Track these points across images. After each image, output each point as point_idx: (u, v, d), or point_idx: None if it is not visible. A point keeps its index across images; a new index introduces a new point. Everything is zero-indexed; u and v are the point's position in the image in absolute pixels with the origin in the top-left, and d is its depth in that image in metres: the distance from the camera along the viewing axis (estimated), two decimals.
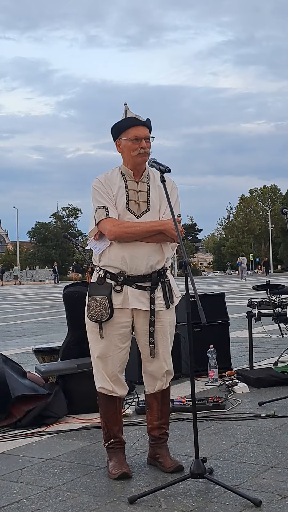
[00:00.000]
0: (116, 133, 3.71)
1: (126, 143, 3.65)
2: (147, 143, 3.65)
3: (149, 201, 3.67)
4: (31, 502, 3.29)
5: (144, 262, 3.60)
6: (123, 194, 3.65)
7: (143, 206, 3.66)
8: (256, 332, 7.18)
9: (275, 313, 6.23)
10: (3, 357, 5.28)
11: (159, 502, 3.19)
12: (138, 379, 5.60)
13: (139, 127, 3.65)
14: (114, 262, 3.60)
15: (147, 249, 3.60)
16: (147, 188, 3.70)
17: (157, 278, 3.63)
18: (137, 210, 3.65)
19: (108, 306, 3.56)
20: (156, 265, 3.64)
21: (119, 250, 3.59)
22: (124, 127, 3.66)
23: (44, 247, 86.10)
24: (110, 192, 3.64)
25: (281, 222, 77.72)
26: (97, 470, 3.76)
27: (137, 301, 3.60)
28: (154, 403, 3.77)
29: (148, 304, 3.62)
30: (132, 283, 3.60)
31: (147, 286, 3.62)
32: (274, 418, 4.70)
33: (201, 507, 3.10)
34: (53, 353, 6.07)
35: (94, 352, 3.68)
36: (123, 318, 3.61)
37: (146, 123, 3.69)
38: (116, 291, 3.59)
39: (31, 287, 46.98)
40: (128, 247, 3.58)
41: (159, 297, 3.64)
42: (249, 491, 3.26)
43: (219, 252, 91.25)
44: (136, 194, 3.67)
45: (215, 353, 6.00)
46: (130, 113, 3.70)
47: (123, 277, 3.59)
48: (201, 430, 4.33)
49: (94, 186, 3.69)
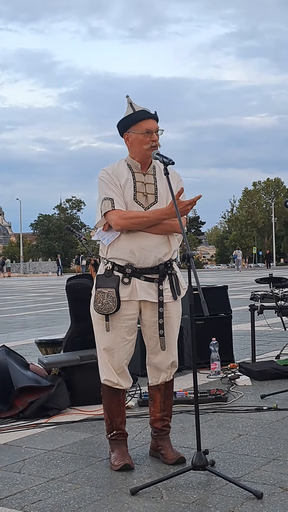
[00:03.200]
0: (125, 126, 3.68)
1: (137, 136, 3.63)
2: (157, 136, 3.65)
3: (157, 193, 3.67)
4: (34, 492, 3.31)
5: (152, 255, 3.59)
6: (131, 186, 3.64)
7: (151, 198, 3.66)
8: (258, 325, 7.19)
9: (277, 306, 6.23)
10: (6, 349, 5.29)
11: (161, 494, 3.20)
12: (141, 372, 5.62)
13: (150, 120, 3.65)
14: (122, 254, 3.59)
15: (155, 241, 3.60)
16: (154, 180, 3.69)
17: (164, 270, 3.63)
18: (145, 202, 3.64)
19: (116, 299, 3.55)
20: (164, 257, 3.64)
21: (127, 243, 3.59)
22: (135, 120, 3.64)
23: (47, 239, 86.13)
24: (117, 183, 3.63)
25: (284, 215, 77.72)
26: (99, 462, 3.77)
27: (145, 293, 3.60)
28: (157, 395, 3.77)
29: (156, 296, 3.62)
30: (140, 275, 3.60)
31: (154, 278, 3.62)
32: (276, 410, 4.70)
33: (203, 499, 3.11)
34: (55, 345, 6.09)
35: (100, 344, 3.68)
36: (130, 310, 3.61)
37: (155, 115, 3.68)
38: (124, 283, 3.58)
39: (34, 279, 47.03)
40: (137, 239, 3.58)
41: (166, 289, 3.64)
42: (251, 483, 3.27)
43: (222, 245, 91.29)
44: (143, 186, 3.66)
45: (217, 346, 6.00)
46: (137, 106, 3.68)
47: (131, 269, 3.59)
48: (203, 422, 4.34)
49: (101, 177, 3.67)
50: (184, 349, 6.24)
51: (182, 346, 6.20)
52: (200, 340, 5.86)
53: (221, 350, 6.06)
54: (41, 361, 5.41)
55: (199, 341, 5.51)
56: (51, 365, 5.31)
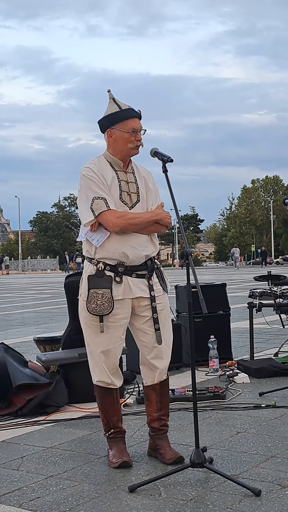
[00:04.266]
0: (110, 122, 3.63)
1: (123, 134, 3.61)
2: (140, 135, 3.65)
3: (139, 192, 3.68)
4: (32, 490, 3.31)
5: (142, 253, 3.62)
6: (116, 185, 3.62)
7: (134, 197, 3.66)
8: (257, 323, 7.19)
9: (276, 303, 6.22)
10: (4, 346, 5.29)
11: (159, 491, 3.20)
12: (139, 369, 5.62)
13: (135, 119, 3.64)
14: (113, 254, 3.57)
15: (143, 239, 3.63)
16: (134, 179, 3.70)
17: (152, 265, 3.67)
18: (129, 201, 3.64)
19: (111, 299, 3.54)
20: (151, 254, 3.68)
21: (118, 242, 3.57)
22: (122, 117, 3.61)
23: (46, 237, 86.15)
24: (104, 182, 3.59)
25: (283, 213, 77.76)
26: (98, 459, 3.77)
27: (139, 289, 3.62)
28: (152, 395, 3.75)
29: (148, 291, 3.63)
30: (132, 273, 3.61)
31: (145, 274, 3.64)
32: (274, 408, 4.71)
33: (201, 496, 3.11)
34: (54, 343, 6.08)
35: (95, 346, 3.63)
36: (123, 309, 3.60)
37: (140, 115, 3.68)
38: (116, 282, 3.58)
39: (33, 276, 47.01)
40: (127, 239, 3.58)
41: (156, 283, 3.68)
42: (249, 480, 3.27)
43: (221, 243, 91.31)
44: (127, 185, 3.66)
45: (216, 344, 6.00)
46: (121, 103, 3.65)
47: (123, 268, 3.59)
48: (201, 420, 4.34)
49: (87, 175, 3.59)
50: (182, 347, 6.25)
51: (181, 343, 6.20)
52: (199, 338, 5.85)
53: (219, 348, 6.06)
54: (40, 358, 5.41)
55: (197, 338, 5.52)
56: (49, 362, 5.31)
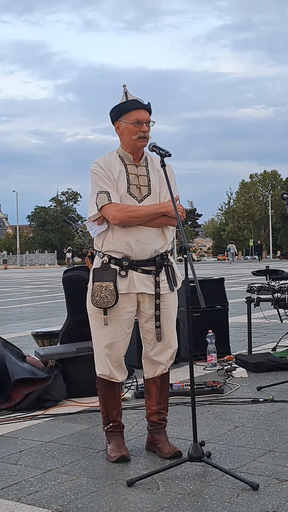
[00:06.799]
0: (116, 114, 3.65)
1: (127, 125, 3.61)
2: (147, 127, 3.62)
3: (150, 185, 3.65)
4: (30, 484, 3.31)
5: (149, 247, 3.58)
6: (124, 178, 3.62)
7: (144, 191, 3.64)
8: (255, 317, 7.19)
9: (274, 298, 6.23)
10: (2, 341, 5.29)
11: (157, 485, 3.21)
12: (137, 364, 5.62)
13: (141, 110, 3.62)
14: (118, 247, 3.57)
15: (151, 233, 3.59)
16: (146, 172, 3.67)
17: (161, 262, 3.62)
18: (139, 195, 3.62)
19: (114, 292, 3.53)
20: (160, 249, 3.63)
21: (124, 235, 3.56)
22: (126, 109, 3.61)
23: (44, 231, 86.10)
24: (111, 176, 3.60)
25: (281, 208, 77.68)
26: (96, 453, 3.78)
27: (143, 285, 3.59)
28: (153, 388, 3.76)
29: (153, 287, 3.61)
30: (137, 268, 3.59)
31: (151, 270, 3.61)
32: (272, 402, 4.72)
33: (199, 490, 3.12)
34: (52, 337, 6.09)
35: (99, 339, 3.64)
36: (128, 303, 3.59)
37: (148, 106, 3.65)
38: (121, 276, 3.57)
39: (31, 271, 46.99)
40: (133, 232, 3.56)
41: (163, 280, 3.63)
42: (247, 474, 3.28)
43: (219, 237, 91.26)
44: (136, 178, 3.64)
45: (214, 338, 6.01)
46: (131, 96, 3.66)
47: (128, 262, 3.58)
48: (199, 414, 4.35)
49: (94, 170, 3.64)
50: (180, 341, 6.24)
51: (179, 338, 6.18)
52: (197, 332, 5.87)
53: (217, 342, 6.07)
54: (38, 353, 5.41)
55: (195, 333, 5.53)
56: (47, 357, 5.31)
